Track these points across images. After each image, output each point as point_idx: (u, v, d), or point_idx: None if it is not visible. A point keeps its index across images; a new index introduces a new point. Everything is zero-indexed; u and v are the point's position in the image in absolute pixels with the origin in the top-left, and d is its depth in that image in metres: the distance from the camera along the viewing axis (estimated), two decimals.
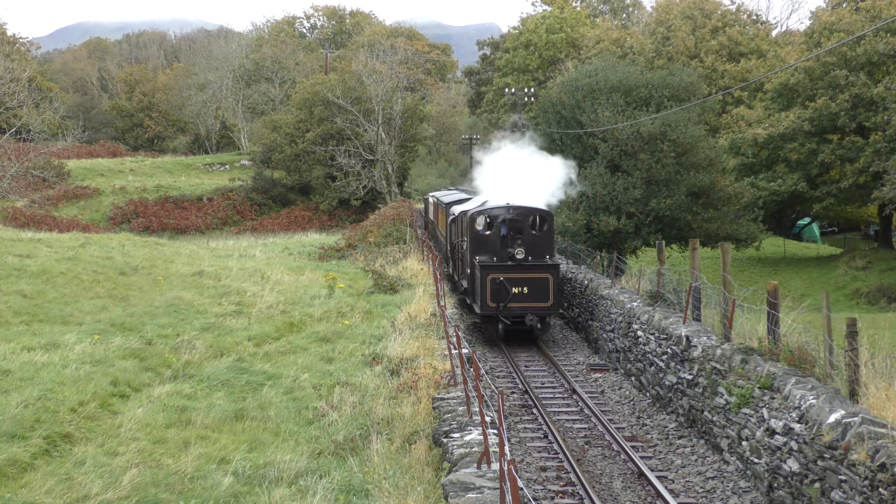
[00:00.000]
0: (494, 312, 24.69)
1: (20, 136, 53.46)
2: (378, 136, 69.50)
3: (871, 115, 48.83)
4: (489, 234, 25.64)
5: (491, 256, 25.22)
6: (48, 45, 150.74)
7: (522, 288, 24.45)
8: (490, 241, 25.49)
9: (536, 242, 25.42)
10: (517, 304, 24.53)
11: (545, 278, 24.61)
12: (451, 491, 10.18)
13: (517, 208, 25.64)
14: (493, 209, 25.76)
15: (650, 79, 41.08)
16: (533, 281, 24.51)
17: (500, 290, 24.41)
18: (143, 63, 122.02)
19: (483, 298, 24.58)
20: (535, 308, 24.61)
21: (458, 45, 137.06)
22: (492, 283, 24.43)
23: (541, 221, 26.05)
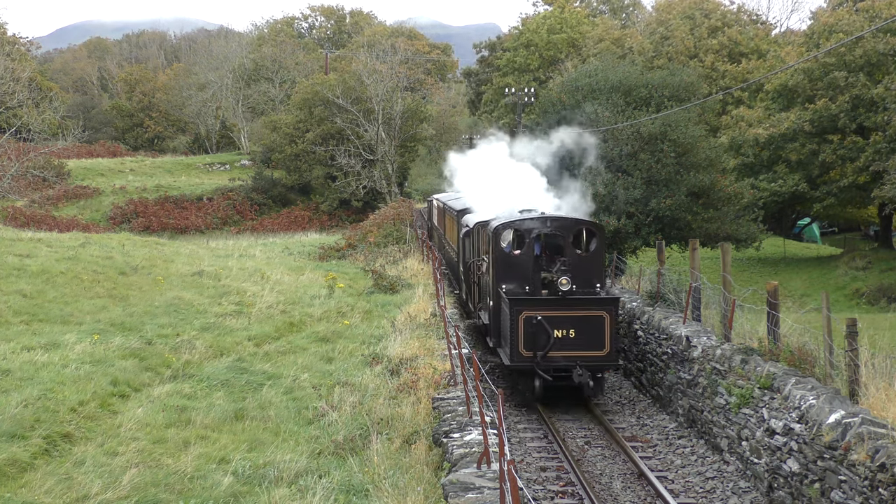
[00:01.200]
0: (530, 365, 18.28)
1: (20, 135, 53.45)
2: (378, 136, 69.50)
3: (871, 115, 48.83)
4: (519, 254, 19.44)
5: (521, 284, 19.15)
6: (48, 45, 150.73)
7: (568, 331, 18.16)
8: (520, 264, 19.32)
9: (582, 266, 19.17)
10: (561, 352, 18.21)
11: (599, 317, 18.26)
12: (451, 491, 10.18)
13: (557, 220, 19.61)
14: (525, 221, 19.56)
15: (650, 79, 41.08)
16: (583, 321, 18.25)
17: (538, 333, 18.06)
18: (143, 63, 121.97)
19: (514, 344, 18.26)
20: (586, 358, 18.24)
21: (458, 45, 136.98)
22: (526, 323, 18.09)
23: (588, 237, 19.80)
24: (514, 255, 19.54)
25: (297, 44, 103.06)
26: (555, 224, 19.59)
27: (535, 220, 19.73)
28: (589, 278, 19.27)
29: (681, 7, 71.27)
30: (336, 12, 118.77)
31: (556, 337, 18.22)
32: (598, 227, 20.13)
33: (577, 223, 19.87)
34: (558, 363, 18.29)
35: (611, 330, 18.30)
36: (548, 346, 18.13)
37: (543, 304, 18.43)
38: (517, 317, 18.22)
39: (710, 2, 72.38)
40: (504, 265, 19.51)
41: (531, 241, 19.48)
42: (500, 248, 19.58)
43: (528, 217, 19.90)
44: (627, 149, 37.78)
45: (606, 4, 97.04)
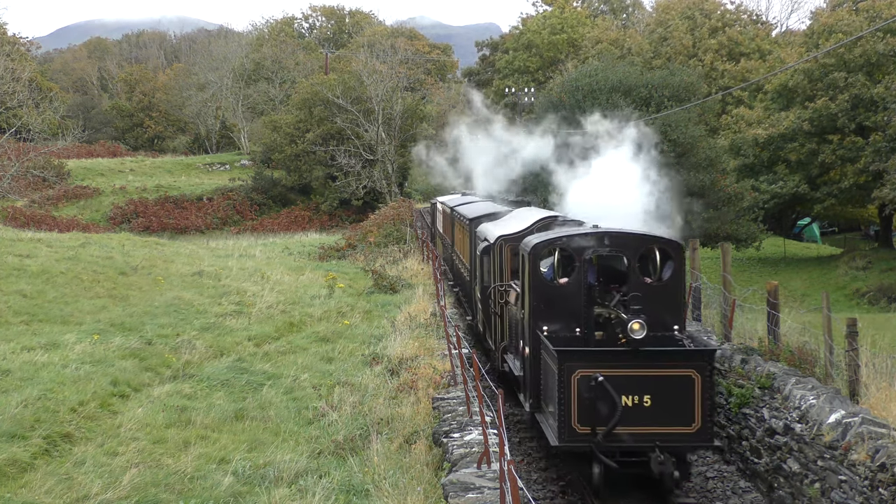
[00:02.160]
0: (586, 445, 12.66)
1: (20, 135, 53.43)
2: (378, 136, 69.51)
3: (870, 115, 48.85)
4: (566, 283, 14.18)
5: (568, 324, 13.98)
6: (48, 45, 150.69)
7: (642, 397, 12.68)
8: (568, 297, 14.05)
9: (654, 300, 13.67)
10: (632, 428, 12.65)
11: (686, 379, 12.74)
12: (451, 491, 10.18)
13: (617, 236, 14.17)
14: (574, 238, 14.17)
15: (650, 79, 41.14)
16: (663, 384, 12.73)
17: (599, 400, 12.62)
18: (143, 63, 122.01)
19: (563, 415, 12.68)
20: (669, 436, 12.70)
21: (459, 45, 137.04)
22: (581, 386, 12.60)
23: (661, 260, 14.31)
24: (560, 284, 14.12)
25: (297, 44, 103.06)
26: (615, 241, 14.00)
27: (588, 235, 14.04)
28: (662, 318, 13.72)
29: (680, 7, 71.28)
30: (337, 12, 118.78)
31: (625, 406, 12.59)
32: (674, 246, 14.19)
33: (646, 240, 14.24)
34: (628, 443, 12.67)
35: (703, 396, 12.63)
36: (614, 418, 12.46)
37: (607, 359, 12.70)
38: (568, 376, 12.58)
39: (709, 2, 72.40)
40: (545, 298, 14.04)
41: (583, 264, 13.92)
42: (540, 275, 14.14)
43: (579, 232, 14.28)
44: None
45: (606, 4, 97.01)
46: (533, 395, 14.28)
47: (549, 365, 13.29)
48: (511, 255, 16.96)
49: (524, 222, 17.96)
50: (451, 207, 29.84)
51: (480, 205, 26.39)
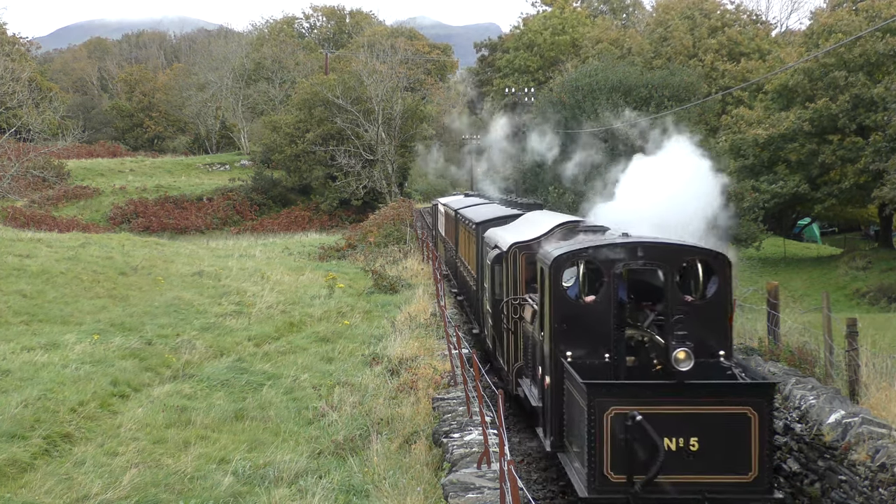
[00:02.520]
0: (622, 496, 10.61)
1: (20, 136, 53.45)
2: (378, 136, 69.51)
3: (871, 114, 48.87)
4: (594, 301, 12.10)
5: (596, 349, 11.91)
6: (48, 45, 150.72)
7: (688, 440, 10.62)
8: (594, 318, 11.99)
9: (697, 321, 11.66)
10: (678, 476, 10.60)
11: (741, 417, 10.63)
12: (451, 491, 10.18)
13: (653, 246, 12.03)
14: (602, 249, 12.06)
15: (650, 79, 41.15)
16: (713, 424, 10.62)
17: (637, 442, 10.52)
18: (143, 63, 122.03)
19: (593, 459, 10.66)
20: (720, 487, 10.65)
21: (459, 45, 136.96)
22: (616, 426, 10.56)
23: (705, 274, 12.22)
24: (586, 302, 12.04)
25: (297, 44, 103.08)
26: (650, 252, 11.88)
27: (619, 246, 11.94)
28: (706, 342, 11.62)
29: (680, 7, 71.30)
30: (337, 12, 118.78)
31: (668, 450, 10.48)
32: (720, 259, 11.94)
33: (686, 251, 12.05)
34: (671, 495, 10.57)
35: (761, 438, 10.47)
36: (654, 466, 10.32)
37: (646, 394, 10.57)
38: (600, 414, 10.51)
39: (709, 2, 72.42)
40: (568, 318, 11.97)
41: (613, 279, 11.82)
42: (562, 291, 12.07)
43: (607, 241, 12.23)
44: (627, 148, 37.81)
45: (606, 4, 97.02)
46: (555, 432, 12.05)
47: (576, 399, 11.10)
48: (526, 264, 15.40)
49: (540, 228, 16.16)
50: (456, 210, 27.84)
51: (487, 207, 25.00)
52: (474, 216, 22.92)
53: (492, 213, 22.49)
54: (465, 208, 26.52)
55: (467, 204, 27.87)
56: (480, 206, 26.40)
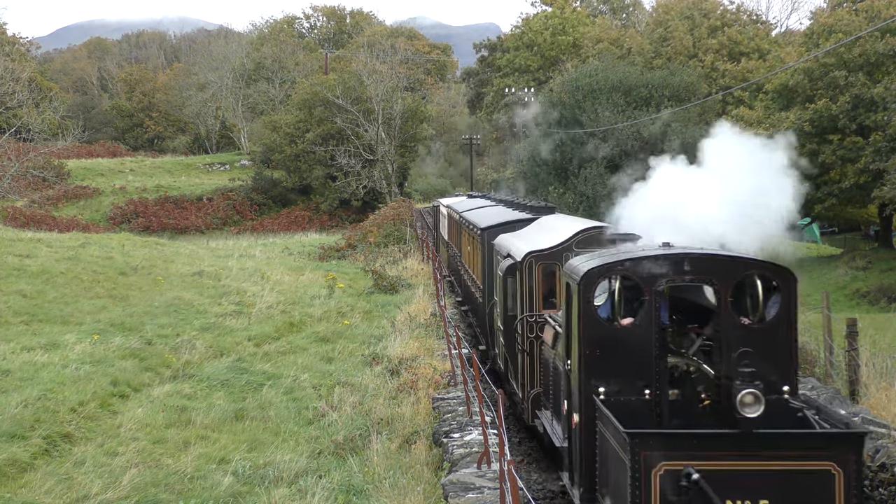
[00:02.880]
0: None
1: (20, 136, 53.46)
2: (378, 136, 69.54)
3: (871, 114, 48.88)
4: (631, 324, 10.09)
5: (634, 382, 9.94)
6: (48, 45, 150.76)
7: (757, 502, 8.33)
8: (632, 345, 9.99)
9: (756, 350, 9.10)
10: None
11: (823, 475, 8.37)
12: (451, 491, 10.18)
13: (702, 259, 10.02)
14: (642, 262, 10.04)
15: (650, 79, 41.16)
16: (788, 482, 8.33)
17: None
18: (143, 63, 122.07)
19: None
20: None
21: (458, 45, 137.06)
22: (666, 486, 8.32)
23: (765, 293, 10.10)
24: (622, 326, 10.02)
25: (297, 44, 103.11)
26: (700, 266, 9.84)
27: (663, 258, 9.87)
28: (767, 376, 9.23)
29: (679, 7, 71.31)
30: (337, 12, 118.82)
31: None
32: (783, 275, 9.83)
33: (742, 264, 9.90)
34: None
35: (847, 499, 8.44)
36: None
37: (704, 446, 8.60)
38: (647, 471, 8.53)
39: (709, 2, 72.43)
40: (601, 345, 9.93)
41: (655, 298, 9.81)
42: (594, 312, 10.02)
43: (649, 254, 10.05)
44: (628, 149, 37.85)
45: (606, 4, 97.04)
46: (585, 482, 10.05)
47: (614, 448, 9.08)
48: (543, 275, 14.03)
49: (558, 234, 14.63)
50: (459, 213, 25.73)
51: (493, 210, 23.03)
52: (480, 220, 21.01)
53: (499, 216, 20.62)
54: (469, 211, 24.57)
55: (471, 206, 25.88)
56: (486, 208, 24.50)
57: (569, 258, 13.03)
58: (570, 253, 13.82)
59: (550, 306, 13.73)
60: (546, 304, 14.03)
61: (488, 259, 18.74)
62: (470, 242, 22.44)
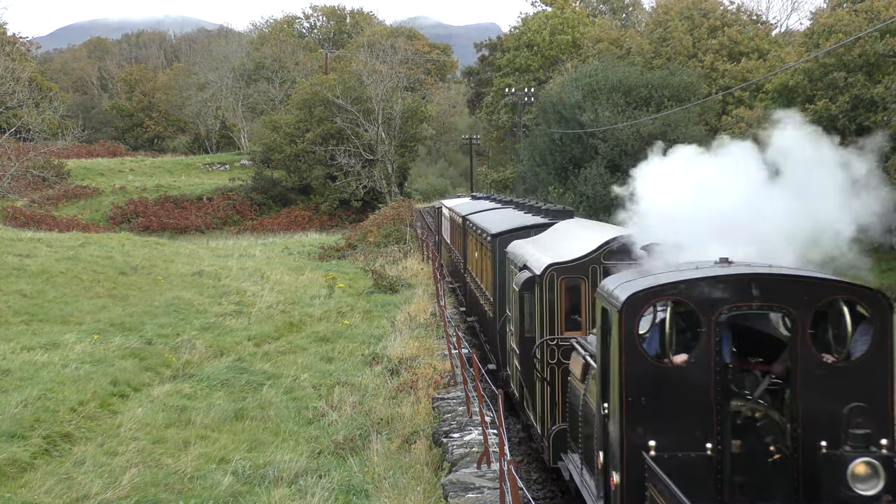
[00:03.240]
0: None
1: (20, 135, 53.44)
2: (378, 136, 69.56)
3: (871, 115, 48.90)
4: (686, 361, 8.00)
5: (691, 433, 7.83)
6: (48, 45, 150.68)
7: None
8: (688, 387, 7.91)
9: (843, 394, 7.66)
10: None
11: None
12: (451, 491, 10.19)
13: (774, 279, 7.99)
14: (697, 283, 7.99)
15: (650, 79, 41.15)
16: None
17: None
18: (143, 63, 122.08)
19: None
20: None
21: (459, 45, 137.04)
22: None
23: (853, 323, 7.94)
24: (674, 363, 8.11)
25: (297, 44, 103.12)
26: (772, 289, 8.01)
27: (725, 280, 8.03)
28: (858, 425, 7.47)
29: (679, 7, 71.31)
30: (337, 12, 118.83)
31: None
32: (876, 300, 8.04)
33: (825, 287, 8.10)
34: None
35: None
36: None
37: None
38: None
39: (709, 2, 72.42)
40: (648, 385, 8.03)
41: (715, 329, 8.02)
42: (638, 346, 8.08)
43: (708, 274, 8.17)
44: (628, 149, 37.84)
45: (606, 4, 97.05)
46: None
47: None
48: (566, 291, 12.26)
49: (582, 243, 12.94)
50: (464, 217, 23.89)
51: (503, 214, 21.35)
52: (489, 225, 19.24)
53: (511, 221, 18.95)
54: (475, 214, 22.48)
55: (477, 209, 23.86)
56: (493, 211, 22.50)
57: (596, 272, 12.11)
58: (598, 266, 12.27)
59: (574, 326, 12.16)
60: (569, 323, 12.32)
61: (500, 268, 17.01)
62: (478, 248, 20.56)
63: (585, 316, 12.39)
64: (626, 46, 72.23)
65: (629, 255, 11.16)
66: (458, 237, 25.97)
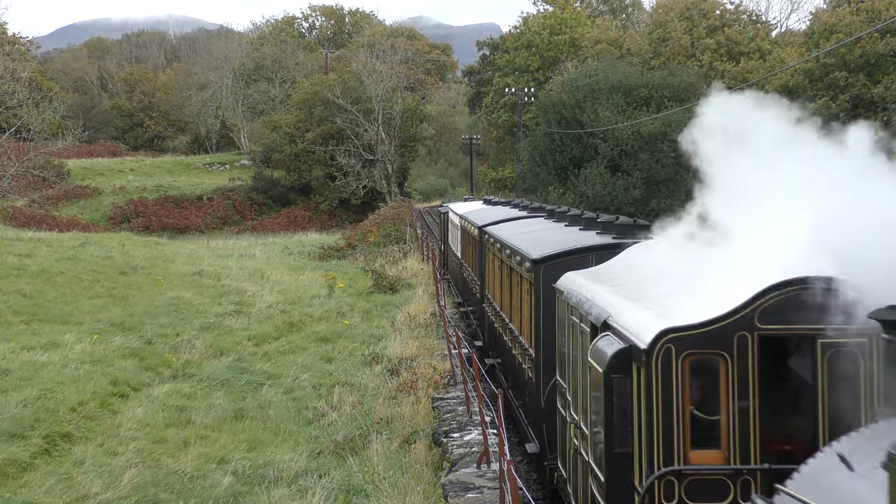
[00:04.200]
0: None
1: (20, 135, 53.44)
2: (378, 136, 69.57)
3: (871, 115, 48.91)
4: None
5: None
6: (48, 45, 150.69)
7: None
8: None
9: None
10: None
11: None
12: (451, 491, 10.19)
13: None
14: None
15: (650, 79, 41.16)
16: None
17: None
18: (143, 63, 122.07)
19: None
20: None
21: (459, 45, 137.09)
22: None
23: None
24: None
25: (297, 44, 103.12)
26: None
27: None
28: None
29: (678, 8, 71.31)
30: (337, 12, 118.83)
31: None
32: None
33: None
34: None
35: None
36: None
37: None
38: None
39: (708, 1, 72.42)
40: None
41: None
42: None
43: None
44: (628, 148, 37.84)
45: (606, 5, 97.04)
46: None
47: None
48: (692, 378, 7.14)
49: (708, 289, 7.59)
50: (481, 228, 18.70)
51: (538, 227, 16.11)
52: (526, 245, 13.84)
53: (555, 239, 13.80)
54: (497, 226, 17.56)
55: (498, 217, 19.05)
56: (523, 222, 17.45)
57: (746, 345, 7.04)
58: (750, 333, 7.05)
59: (704, 442, 7.13)
60: (696, 437, 7.13)
61: (545, 309, 12.05)
62: (506, 273, 15.27)
63: (727, 426, 7.08)
64: (625, 47, 72.24)
65: (805, 309, 6.79)
66: (472, 252, 20.46)
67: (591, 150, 39.72)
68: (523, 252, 13.49)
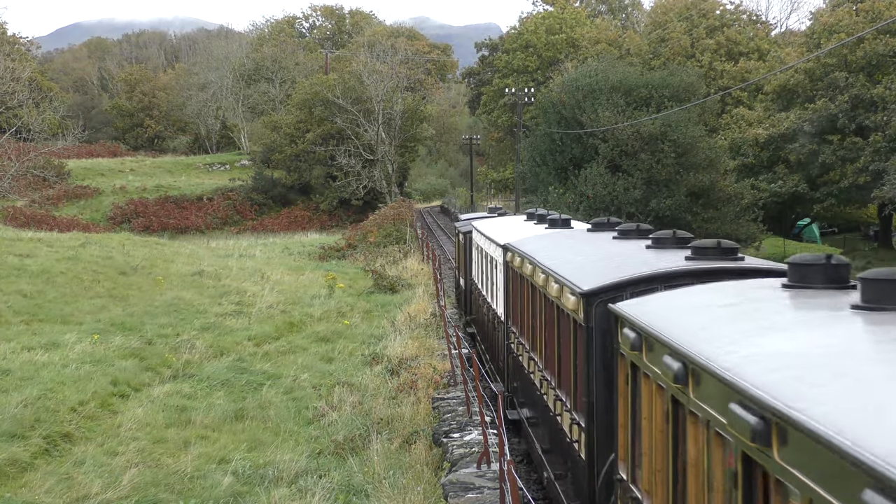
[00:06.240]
0: None
1: (20, 135, 53.46)
2: (378, 136, 69.57)
3: (870, 115, 48.92)
4: None
5: None
6: (48, 45, 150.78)
7: None
8: None
9: None
10: None
11: None
12: (451, 491, 10.19)
13: None
14: None
15: (650, 79, 41.16)
16: None
17: None
18: (144, 63, 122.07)
19: None
20: None
21: (458, 45, 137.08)
22: None
23: None
24: None
25: (297, 44, 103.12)
26: None
27: None
28: None
29: (678, 8, 71.31)
30: (336, 12, 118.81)
31: None
32: None
33: None
34: None
35: None
36: None
37: None
38: None
39: (708, 2, 72.42)
40: None
41: None
42: None
43: None
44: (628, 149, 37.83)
45: (605, 5, 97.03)
46: None
47: None
48: None
49: None
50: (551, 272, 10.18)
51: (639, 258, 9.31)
52: (670, 336, 5.81)
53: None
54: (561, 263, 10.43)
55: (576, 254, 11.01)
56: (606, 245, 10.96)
57: None
58: None
59: None
60: None
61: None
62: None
63: None
64: (624, 47, 72.22)
65: None
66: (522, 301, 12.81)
67: (591, 151, 39.71)
68: (668, 343, 5.97)
